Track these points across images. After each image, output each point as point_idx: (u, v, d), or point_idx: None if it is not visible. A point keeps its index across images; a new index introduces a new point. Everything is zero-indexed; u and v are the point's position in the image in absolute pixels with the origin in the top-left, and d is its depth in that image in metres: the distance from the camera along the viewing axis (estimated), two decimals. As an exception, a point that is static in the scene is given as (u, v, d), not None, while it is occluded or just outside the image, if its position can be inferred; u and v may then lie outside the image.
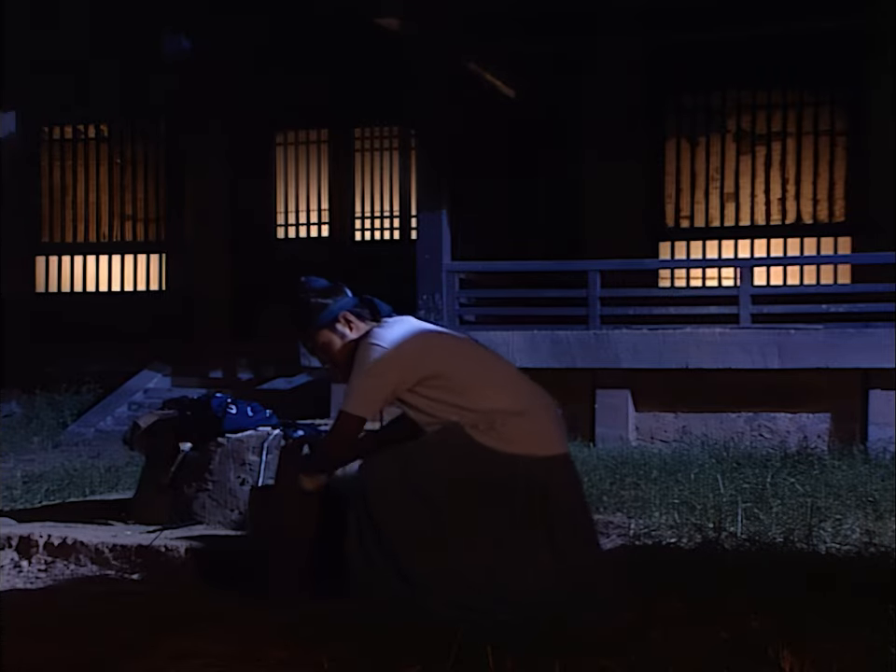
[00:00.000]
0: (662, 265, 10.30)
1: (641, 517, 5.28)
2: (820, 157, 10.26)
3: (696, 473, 6.41)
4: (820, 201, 10.27)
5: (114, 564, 4.36)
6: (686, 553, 4.49)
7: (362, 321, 3.84)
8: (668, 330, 8.26)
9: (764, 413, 8.04)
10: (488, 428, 3.55)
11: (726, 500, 5.50)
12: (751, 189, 10.44)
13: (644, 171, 10.50)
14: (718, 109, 10.48)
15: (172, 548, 4.31)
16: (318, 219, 11.83)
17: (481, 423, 3.55)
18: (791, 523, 4.99)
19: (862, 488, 5.92)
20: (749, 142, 10.45)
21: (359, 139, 11.67)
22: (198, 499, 4.73)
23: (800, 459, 7.01)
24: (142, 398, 10.44)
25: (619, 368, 8.20)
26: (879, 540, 4.69)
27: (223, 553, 4.29)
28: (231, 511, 4.69)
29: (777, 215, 10.39)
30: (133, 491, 5.14)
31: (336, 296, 3.89)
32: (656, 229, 10.59)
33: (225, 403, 4.80)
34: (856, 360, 7.77)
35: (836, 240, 10.17)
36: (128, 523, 4.77)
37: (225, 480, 4.72)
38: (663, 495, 5.77)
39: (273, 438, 4.69)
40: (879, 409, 7.76)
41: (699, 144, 10.58)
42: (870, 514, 5.30)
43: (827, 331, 7.97)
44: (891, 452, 7.26)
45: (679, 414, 8.24)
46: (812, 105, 10.24)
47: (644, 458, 7.16)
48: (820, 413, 7.94)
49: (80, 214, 12.53)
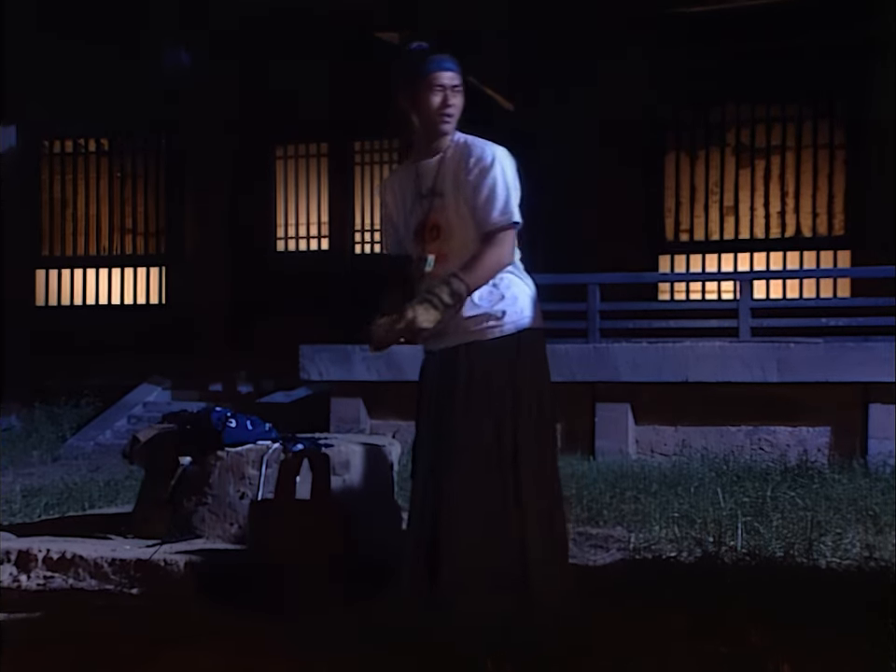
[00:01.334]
0: (661, 279, 10.31)
1: (641, 531, 5.28)
2: (820, 170, 10.28)
3: (696, 487, 6.41)
4: (820, 214, 10.28)
5: (113, 578, 4.35)
6: (686, 567, 4.48)
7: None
8: (668, 344, 8.27)
9: (764, 426, 8.04)
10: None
11: (726, 514, 5.50)
12: (751, 202, 10.46)
13: (644, 184, 10.52)
14: (717, 123, 10.50)
15: (171, 562, 4.30)
16: (318, 232, 11.85)
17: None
18: (791, 537, 4.98)
19: (863, 502, 5.91)
20: (749, 156, 10.47)
21: (359, 152, 11.70)
22: (197, 513, 4.73)
23: (800, 473, 7.01)
24: (141, 411, 10.43)
25: (619, 381, 8.20)
26: (880, 555, 4.68)
27: (222, 566, 4.28)
28: (231, 525, 4.68)
29: (776, 228, 10.41)
30: (133, 505, 5.13)
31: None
32: (656, 242, 10.61)
33: (224, 417, 4.80)
34: (856, 374, 7.77)
35: (836, 253, 10.18)
36: (127, 537, 4.75)
37: (224, 494, 4.71)
38: (663, 508, 5.77)
39: (272, 451, 4.68)
40: (879, 422, 7.76)
41: (699, 158, 10.60)
42: (870, 528, 5.29)
43: (827, 345, 7.97)
44: (891, 465, 7.26)
45: (679, 428, 8.24)
46: (811, 119, 10.27)
47: (644, 472, 7.16)
48: (820, 426, 7.94)
49: (80, 227, 12.55)
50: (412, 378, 9.48)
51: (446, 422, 3.51)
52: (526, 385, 3.55)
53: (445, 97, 3.59)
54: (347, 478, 4.74)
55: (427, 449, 3.57)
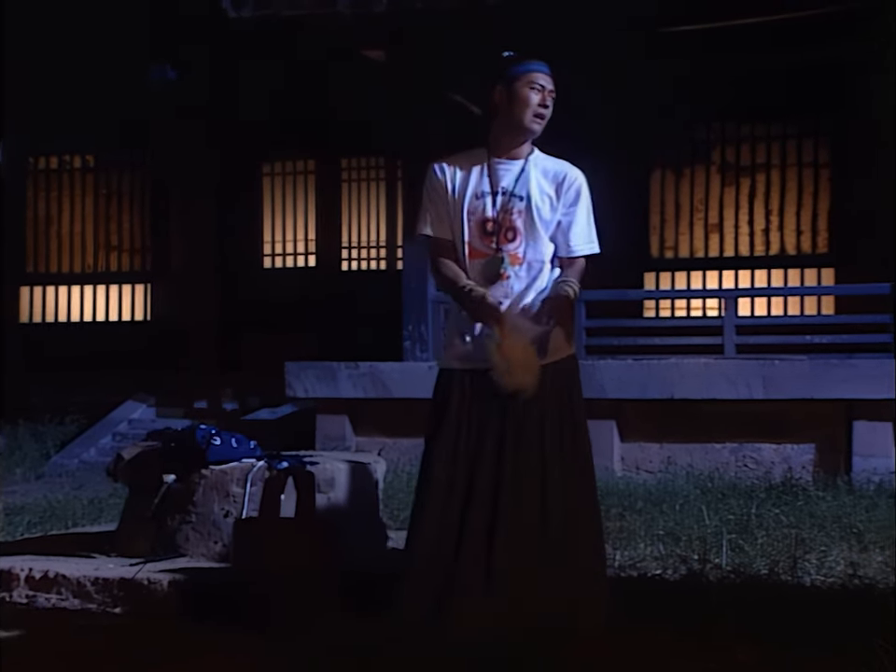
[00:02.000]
0: (647, 296, 10.33)
1: (626, 549, 5.28)
2: (804, 188, 10.33)
3: (681, 504, 6.41)
4: (804, 232, 10.33)
5: (96, 597, 4.32)
6: (671, 585, 4.48)
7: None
8: (653, 361, 8.28)
9: (749, 443, 8.05)
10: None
11: (711, 531, 5.50)
12: (735, 220, 10.51)
13: (629, 202, 10.55)
14: (702, 141, 10.55)
15: (155, 581, 4.27)
16: (305, 249, 11.85)
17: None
18: (775, 554, 4.99)
19: (847, 519, 5.92)
20: (734, 173, 10.52)
21: (346, 169, 11.72)
22: (181, 532, 4.70)
23: (784, 490, 7.02)
24: (126, 428, 10.39)
25: (604, 398, 8.20)
26: (864, 573, 4.69)
27: (207, 585, 4.25)
28: (215, 544, 4.66)
29: (760, 246, 10.45)
30: (117, 523, 5.11)
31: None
32: (641, 259, 10.63)
33: (209, 435, 4.78)
34: (840, 391, 7.79)
35: (820, 271, 10.22)
36: (111, 555, 4.73)
37: (209, 512, 4.69)
38: (648, 526, 5.77)
39: (257, 469, 4.67)
40: (863, 439, 7.78)
41: (684, 175, 10.65)
42: (854, 546, 5.30)
43: (811, 362, 8.00)
44: (875, 482, 7.28)
45: (665, 445, 8.25)
46: (795, 138, 10.32)
47: (629, 489, 7.16)
48: (805, 443, 7.96)
49: (66, 244, 12.52)
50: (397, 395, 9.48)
51: (526, 438, 3.56)
52: (580, 400, 3.75)
53: (543, 97, 3.65)
54: (332, 496, 4.72)
55: (467, 467, 3.55)
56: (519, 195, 3.64)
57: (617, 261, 10.44)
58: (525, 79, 3.63)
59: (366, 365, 8.69)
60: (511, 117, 3.64)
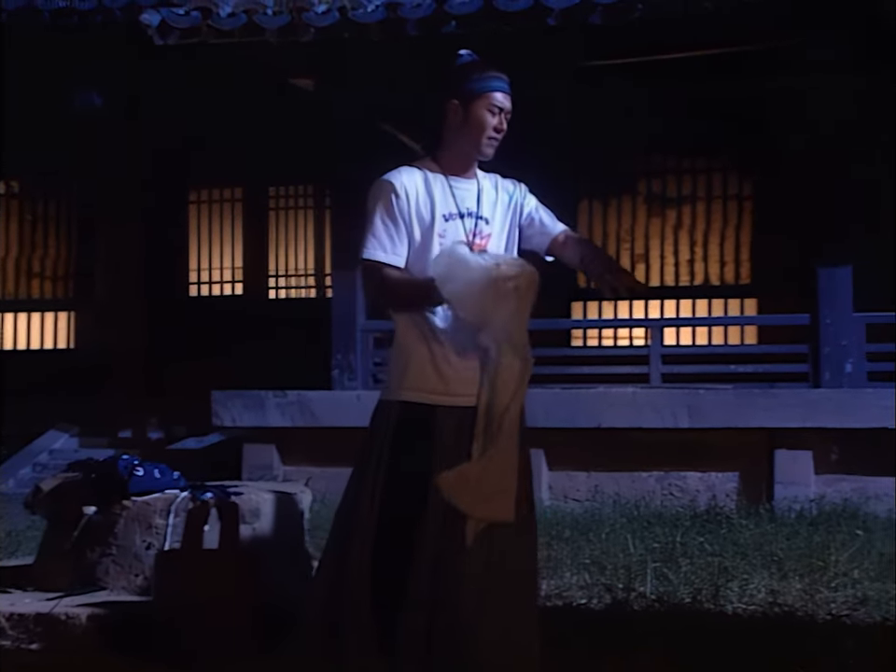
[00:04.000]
0: (574, 325, 10.40)
1: (553, 578, 5.30)
2: (728, 220, 10.51)
3: (608, 533, 6.45)
4: (727, 263, 10.50)
5: (11, 633, 4.22)
6: (596, 614, 4.50)
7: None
8: (581, 390, 8.34)
9: (675, 472, 8.13)
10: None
11: (636, 560, 5.54)
12: (661, 250, 10.64)
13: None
14: (628, 172, 10.68)
15: (73, 615, 4.19)
16: (232, 277, 11.76)
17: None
18: (698, 582, 5.04)
19: (768, 547, 6.00)
20: (660, 205, 10.67)
21: (274, 197, 11.67)
22: (101, 564, 4.62)
23: (709, 518, 7.09)
24: (47, 459, 10.20)
25: (532, 427, 8.20)
26: (783, 600, 4.75)
27: (127, 619, 4.18)
28: (136, 577, 4.59)
29: (686, 276, 10.59)
30: (34, 556, 5.00)
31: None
32: (569, 288, 10.71)
33: (131, 465, 4.71)
34: (762, 420, 7.91)
35: (743, 301, 10.39)
36: (27, 590, 4.62)
37: (130, 544, 4.62)
38: (574, 554, 5.79)
39: (180, 500, 4.61)
40: (784, 468, 7.90)
41: (611, 205, 10.77)
42: (774, 574, 5.37)
43: (735, 391, 8.11)
44: (796, 510, 7.38)
45: (592, 473, 8.29)
46: (720, 171, 10.50)
47: (556, 518, 7.18)
48: (729, 471, 8.06)
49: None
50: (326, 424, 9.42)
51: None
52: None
53: (500, 120, 3.42)
54: (257, 526, 4.68)
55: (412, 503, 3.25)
56: (484, 218, 3.50)
57: (544, 290, 10.55)
58: (483, 101, 3.38)
59: (294, 393, 8.64)
60: (464, 138, 3.44)
